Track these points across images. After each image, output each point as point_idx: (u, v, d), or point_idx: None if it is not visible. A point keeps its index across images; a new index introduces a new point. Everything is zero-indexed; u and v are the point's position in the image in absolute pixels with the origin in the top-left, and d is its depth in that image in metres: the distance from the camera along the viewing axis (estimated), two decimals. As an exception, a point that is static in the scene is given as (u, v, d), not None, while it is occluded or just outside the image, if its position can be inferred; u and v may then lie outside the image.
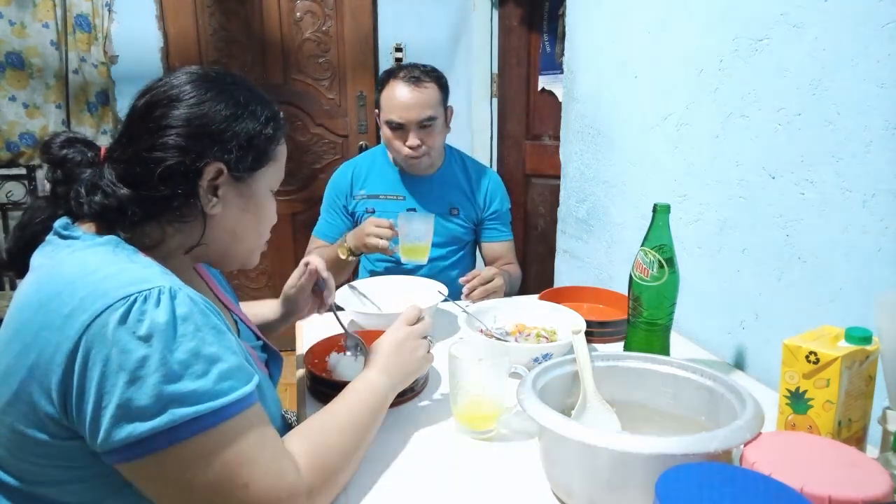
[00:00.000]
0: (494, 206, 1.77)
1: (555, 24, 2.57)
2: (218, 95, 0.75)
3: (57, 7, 2.59)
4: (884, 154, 0.83)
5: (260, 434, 0.65)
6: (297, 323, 1.35)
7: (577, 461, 0.68)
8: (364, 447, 0.78)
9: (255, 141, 0.77)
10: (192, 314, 0.63)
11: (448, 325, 1.30)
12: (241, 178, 0.78)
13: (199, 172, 0.73)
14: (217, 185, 0.75)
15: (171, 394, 0.59)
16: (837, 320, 0.88)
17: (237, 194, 0.78)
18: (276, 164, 0.83)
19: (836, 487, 0.54)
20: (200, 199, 0.74)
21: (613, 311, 1.32)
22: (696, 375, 0.81)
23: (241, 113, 0.76)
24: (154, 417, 0.59)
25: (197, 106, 0.73)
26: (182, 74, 0.76)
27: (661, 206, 0.96)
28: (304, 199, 2.99)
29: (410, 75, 1.59)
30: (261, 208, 0.83)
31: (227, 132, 0.74)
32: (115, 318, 0.60)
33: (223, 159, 0.74)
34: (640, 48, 1.37)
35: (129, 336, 0.59)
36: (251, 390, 0.66)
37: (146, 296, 0.61)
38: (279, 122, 0.81)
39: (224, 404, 0.62)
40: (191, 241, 0.76)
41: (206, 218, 0.75)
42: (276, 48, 2.85)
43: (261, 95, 0.81)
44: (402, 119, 1.57)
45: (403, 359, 0.87)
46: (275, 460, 0.65)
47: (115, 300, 0.61)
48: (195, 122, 0.72)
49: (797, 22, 0.95)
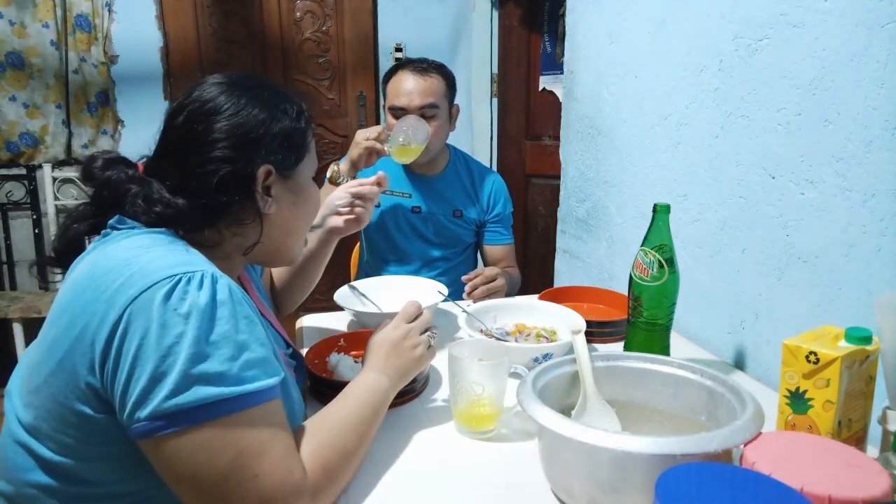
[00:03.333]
0: (497, 209, 1.77)
1: (555, 24, 2.57)
2: (251, 101, 0.78)
3: (57, 7, 2.59)
4: (884, 154, 0.83)
5: (276, 429, 0.66)
6: (297, 322, 1.35)
7: (577, 461, 0.68)
8: (365, 447, 0.78)
9: (292, 137, 0.81)
10: (230, 300, 0.66)
11: (448, 325, 1.30)
12: (288, 174, 0.82)
13: (252, 178, 0.77)
14: (269, 185, 0.79)
15: (198, 373, 0.61)
16: (837, 320, 0.88)
17: (286, 190, 0.82)
18: (311, 152, 0.87)
19: (836, 487, 0.54)
20: (257, 202, 0.78)
21: (613, 311, 1.32)
22: (696, 375, 0.81)
23: (276, 114, 0.80)
24: (180, 394, 0.61)
25: (235, 115, 0.76)
26: (211, 87, 0.79)
27: (661, 206, 0.96)
28: (304, 199, 2.99)
29: (418, 66, 1.62)
30: (308, 198, 0.87)
31: (268, 135, 0.78)
32: (161, 295, 0.63)
33: (270, 160, 0.78)
34: (640, 48, 1.37)
35: (171, 312, 0.62)
36: (275, 384, 0.67)
37: (190, 277, 0.65)
38: (306, 114, 0.86)
39: (248, 391, 0.64)
40: (249, 242, 0.81)
41: (262, 218, 0.80)
42: (276, 48, 2.85)
43: (285, 92, 0.84)
44: (404, 104, 1.59)
45: (401, 358, 0.86)
46: (287, 457, 0.66)
47: (162, 278, 0.64)
48: (238, 131, 0.76)
49: (797, 22, 0.95)
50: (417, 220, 1.72)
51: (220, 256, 0.78)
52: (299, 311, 1.26)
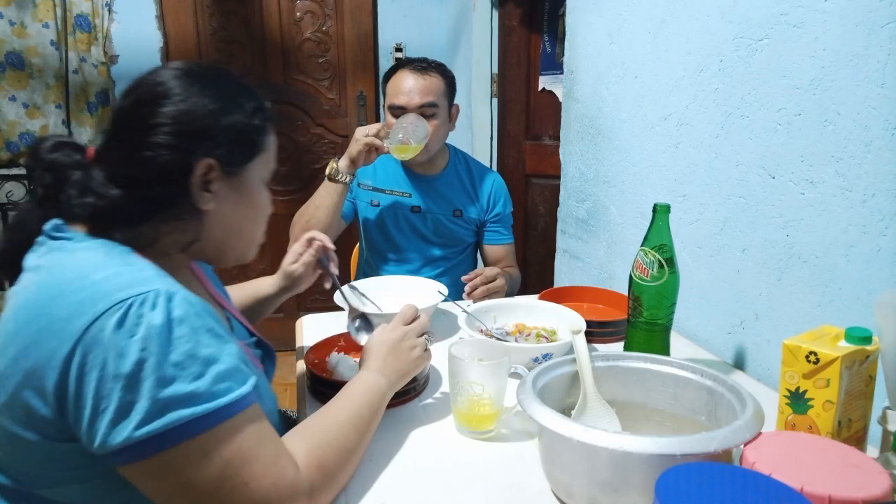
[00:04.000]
0: (497, 209, 1.77)
1: (555, 24, 2.57)
2: (203, 90, 0.74)
3: (57, 7, 2.59)
4: (884, 154, 0.83)
5: (259, 434, 0.65)
6: (297, 323, 1.35)
7: (577, 461, 0.68)
8: (363, 446, 0.78)
9: (244, 133, 0.77)
10: (189, 316, 0.63)
11: (448, 325, 1.30)
12: (233, 171, 0.77)
13: (190, 169, 0.72)
14: (209, 180, 0.74)
15: (168, 396, 0.59)
16: (837, 320, 0.89)
17: (230, 188, 0.78)
18: (267, 154, 0.83)
19: (836, 487, 0.54)
20: (193, 195, 0.73)
21: (613, 311, 1.32)
22: (696, 375, 0.81)
23: (228, 106, 0.75)
24: (152, 420, 0.59)
25: (183, 102, 0.72)
26: (166, 71, 0.75)
27: (661, 206, 0.96)
28: (304, 199, 2.97)
29: (418, 65, 1.62)
30: (255, 201, 0.82)
31: (215, 127, 0.74)
32: (112, 323, 0.60)
33: (213, 154, 0.74)
34: (640, 48, 1.37)
35: (126, 339, 0.59)
36: (248, 390, 0.66)
37: (143, 299, 0.61)
38: (266, 112, 0.81)
39: (221, 405, 0.62)
40: (187, 239, 0.76)
41: (200, 214, 0.75)
42: (276, 48, 2.85)
43: (246, 87, 0.80)
44: (404, 103, 1.59)
45: (399, 359, 0.87)
46: (275, 460, 0.65)
47: (111, 304, 0.60)
48: (183, 118, 0.72)
49: (797, 22, 0.95)
50: (417, 220, 1.72)
51: (158, 254, 0.73)
52: (299, 311, 1.26)
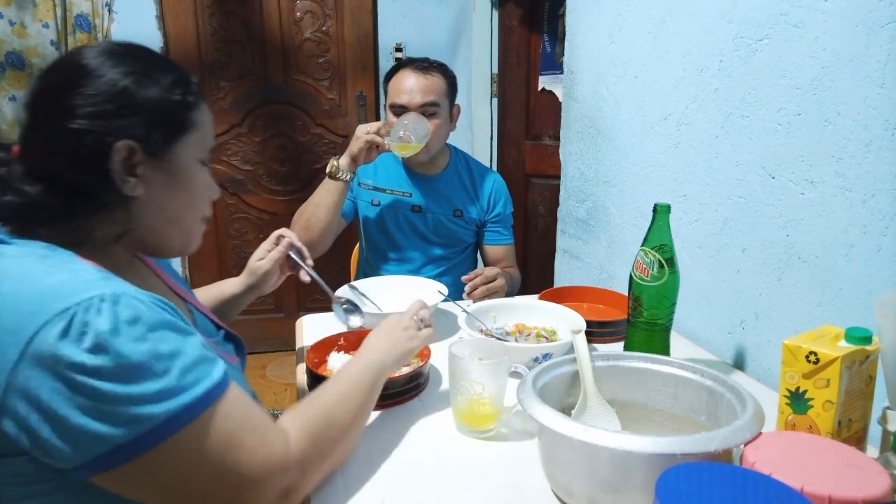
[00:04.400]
0: (498, 210, 1.77)
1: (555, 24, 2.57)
2: (114, 68, 0.69)
3: (57, 7, 2.59)
4: (884, 154, 0.83)
5: (241, 416, 0.64)
6: (297, 323, 1.35)
7: (578, 460, 0.68)
8: (359, 423, 0.79)
9: (164, 110, 0.71)
10: (141, 315, 0.60)
11: (448, 325, 1.30)
12: (158, 152, 0.72)
13: (108, 154, 0.67)
14: (133, 164, 0.69)
15: (135, 399, 0.57)
16: (837, 320, 0.89)
17: (159, 171, 0.72)
18: (198, 131, 0.76)
19: (836, 487, 0.54)
20: (117, 182, 0.68)
21: (613, 311, 1.32)
22: (696, 375, 0.81)
23: (141, 82, 0.70)
24: (123, 426, 0.57)
25: (94, 82, 0.67)
26: (76, 52, 0.70)
27: (662, 206, 0.96)
28: (304, 199, 2.98)
29: (419, 65, 1.62)
30: (189, 183, 0.77)
31: (129, 105, 0.69)
32: (55, 335, 0.56)
33: (131, 135, 0.68)
34: (640, 48, 1.37)
35: (75, 351, 0.56)
36: (220, 376, 0.64)
37: (87, 306, 0.57)
38: (189, 85, 0.75)
39: (195, 397, 0.60)
40: (119, 230, 0.72)
41: (130, 202, 0.71)
42: (276, 48, 2.85)
43: (164, 60, 0.75)
44: (405, 102, 1.58)
45: (395, 338, 0.90)
46: (261, 439, 0.65)
47: (53, 315, 0.56)
48: (93, 99, 0.67)
49: (797, 22, 0.95)
50: (417, 219, 1.72)
51: (98, 251, 0.70)
52: (299, 311, 1.27)
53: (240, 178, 2.95)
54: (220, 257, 2.97)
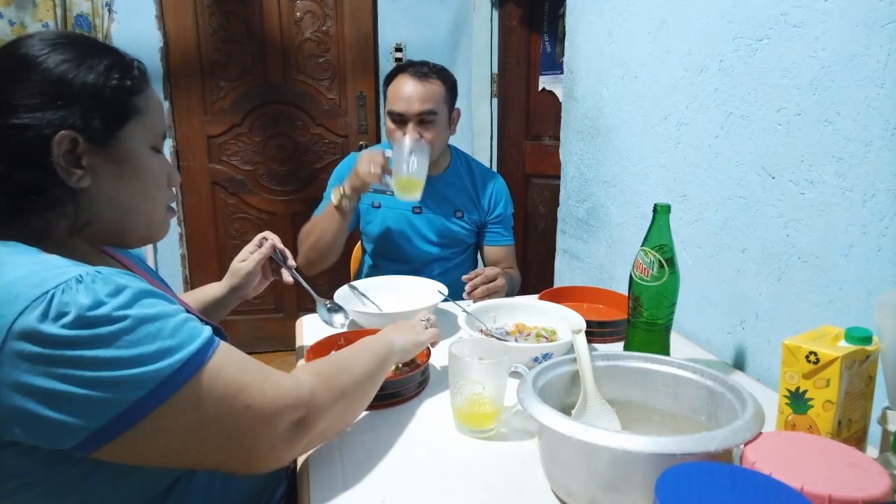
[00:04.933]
0: (498, 210, 1.77)
1: (555, 24, 2.57)
2: (48, 57, 0.67)
3: (57, 7, 2.59)
4: (884, 154, 0.83)
5: (239, 362, 0.67)
6: (297, 322, 1.35)
7: (578, 460, 0.68)
8: (366, 386, 0.83)
9: (101, 97, 0.69)
10: (121, 286, 0.60)
11: (448, 325, 1.30)
12: (102, 141, 0.69)
13: (48, 146, 0.65)
14: (78, 155, 0.67)
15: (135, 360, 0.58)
16: (837, 320, 0.89)
17: (106, 160, 0.70)
18: (144, 117, 0.74)
19: (836, 487, 0.54)
20: (61, 175, 0.67)
21: (613, 311, 1.32)
22: (696, 375, 0.81)
23: (75, 70, 0.67)
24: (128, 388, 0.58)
25: (29, 74, 0.66)
26: (13, 44, 0.68)
27: (662, 206, 0.96)
28: (304, 199, 2.99)
29: (418, 70, 1.60)
30: (142, 170, 0.74)
31: (65, 95, 0.66)
32: (35, 318, 0.55)
33: (70, 125, 0.66)
34: (640, 48, 1.37)
35: (59, 329, 0.56)
36: (210, 332, 0.65)
37: (63, 287, 0.57)
38: (128, 69, 0.72)
39: (192, 351, 0.62)
40: (75, 223, 0.70)
41: (79, 194, 0.69)
42: (276, 48, 2.85)
43: (101, 46, 0.72)
44: (403, 110, 1.57)
45: (405, 329, 0.97)
46: (266, 377, 0.68)
47: (30, 300, 0.56)
48: (29, 91, 0.65)
49: (797, 22, 0.95)
50: (418, 220, 1.72)
51: (56, 246, 0.68)
52: (299, 311, 1.27)
53: (240, 178, 2.95)
54: (220, 257, 2.97)
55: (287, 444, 0.68)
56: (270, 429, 0.66)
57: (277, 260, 1.15)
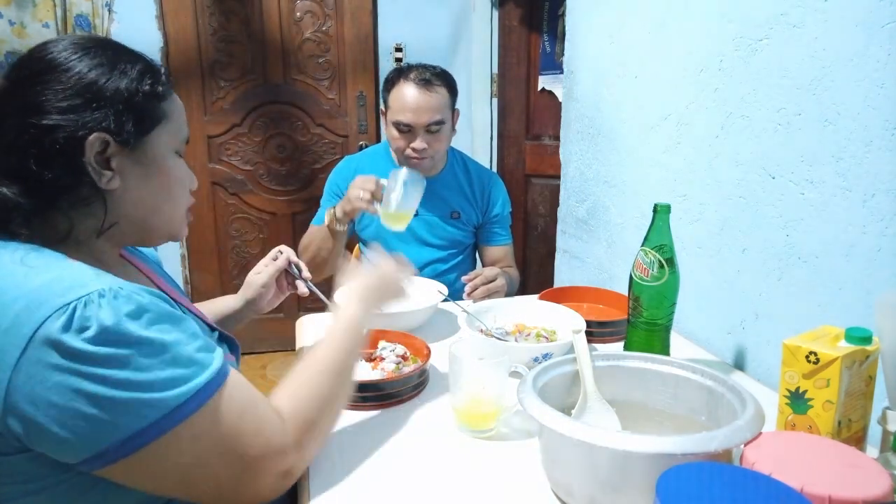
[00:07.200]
0: (496, 210, 1.77)
1: (555, 24, 2.57)
2: (80, 61, 0.68)
3: (57, 7, 2.59)
4: (884, 154, 0.83)
5: (242, 400, 0.66)
6: (297, 322, 1.35)
7: (578, 460, 0.68)
8: (345, 391, 0.81)
9: (134, 101, 0.70)
10: (142, 307, 0.61)
11: (448, 325, 1.30)
12: (133, 144, 0.71)
13: (81, 148, 0.67)
14: (108, 157, 0.69)
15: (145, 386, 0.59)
16: (837, 320, 0.88)
17: (134, 162, 0.72)
18: (171, 122, 0.76)
19: (836, 487, 0.54)
20: (91, 176, 0.68)
21: (613, 311, 1.32)
22: (696, 375, 0.81)
23: (109, 74, 0.69)
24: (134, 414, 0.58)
25: (61, 77, 0.67)
26: (42, 47, 0.70)
27: (662, 206, 0.96)
28: (304, 199, 2.99)
29: (421, 77, 1.57)
30: (166, 173, 0.76)
31: (99, 98, 0.68)
32: (57, 329, 0.56)
33: (102, 128, 0.68)
34: (640, 48, 1.37)
35: (81, 342, 0.56)
36: (221, 363, 0.65)
37: (86, 301, 0.58)
38: (158, 75, 0.75)
39: (201, 384, 0.62)
40: (99, 224, 0.71)
41: (107, 195, 0.70)
42: (276, 48, 2.85)
43: (131, 51, 0.74)
44: (411, 122, 1.56)
45: (383, 281, 0.93)
46: (261, 427, 0.67)
47: (54, 309, 0.57)
48: (62, 94, 0.67)
49: (797, 22, 0.95)
50: (415, 222, 1.71)
51: (77, 245, 0.70)
52: (300, 311, 1.27)
53: (240, 178, 2.95)
54: (220, 257, 2.97)
55: (272, 491, 0.69)
56: (258, 478, 0.67)
57: (293, 273, 1.16)
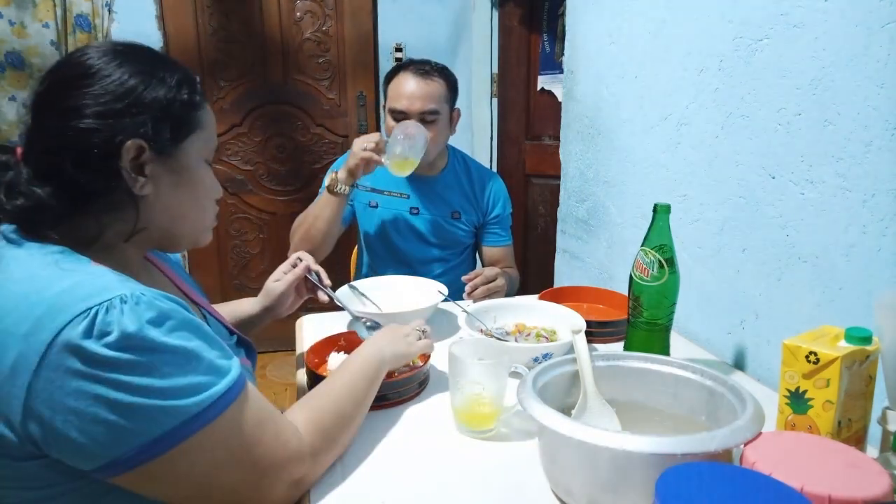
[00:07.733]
0: (496, 211, 1.77)
1: (555, 24, 2.57)
2: (120, 67, 0.69)
3: (57, 7, 2.59)
4: (884, 154, 0.83)
5: (257, 414, 0.67)
6: (297, 322, 1.35)
7: (578, 460, 0.68)
8: (361, 413, 0.83)
9: (171, 109, 0.72)
10: (164, 314, 0.62)
11: (448, 325, 1.30)
12: (167, 151, 0.72)
13: (117, 153, 0.68)
14: (142, 163, 0.70)
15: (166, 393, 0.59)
16: (837, 320, 0.88)
17: (167, 170, 0.73)
18: (204, 131, 0.77)
19: (836, 487, 0.54)
20: (127, 181, 0.69)
21: (613, 311, 1.32)
22: (696, 375, 0.81)
23: (148, 81, 0.70)
24: (153, 420, 0.58)
25: (100, 82, 0.68)
26: (81, 52, 0.71)
27: (662, 206, 0.96)
28: (304, 199, 2.99)
29: (420, 68, 1.60)
30: (196, 181, 0.78)
31: (137, 105, 0.69)
32: (78, 334, 0.56)
33: (140, 134, 0.69)
34: (640, 48, 1.37)
35: (102, 348, 0.57)
36: (238, 372, 0.66)
37: (108, 306, 0.58)
38: (194, 85, 0.76)
39: (220, 393, 0.62)
40: (129, 228, 0.72)
41: (139, 201, 0.71)
42: (276, 48, 2.85)
43: (169, 60, 0.75)
44: (405, 108, 1.57)
45: (395, 339, 0.94)
46: (276, 435, 0.68)
47: (73, 316, 0.57)
48: (101, 99, 0.67)
49: (797, 22, 0.95)
50: (415, 221, 1.72)
51: (105, 249, 0.70)
52: (300, 310, 1.27)
53: (240, 178, 2.95)
54: (221, 257, 2.97)
55: (283, 500, 0.70)
56: (273, 485, 0.68)
57: (313, 280, 1.16)
